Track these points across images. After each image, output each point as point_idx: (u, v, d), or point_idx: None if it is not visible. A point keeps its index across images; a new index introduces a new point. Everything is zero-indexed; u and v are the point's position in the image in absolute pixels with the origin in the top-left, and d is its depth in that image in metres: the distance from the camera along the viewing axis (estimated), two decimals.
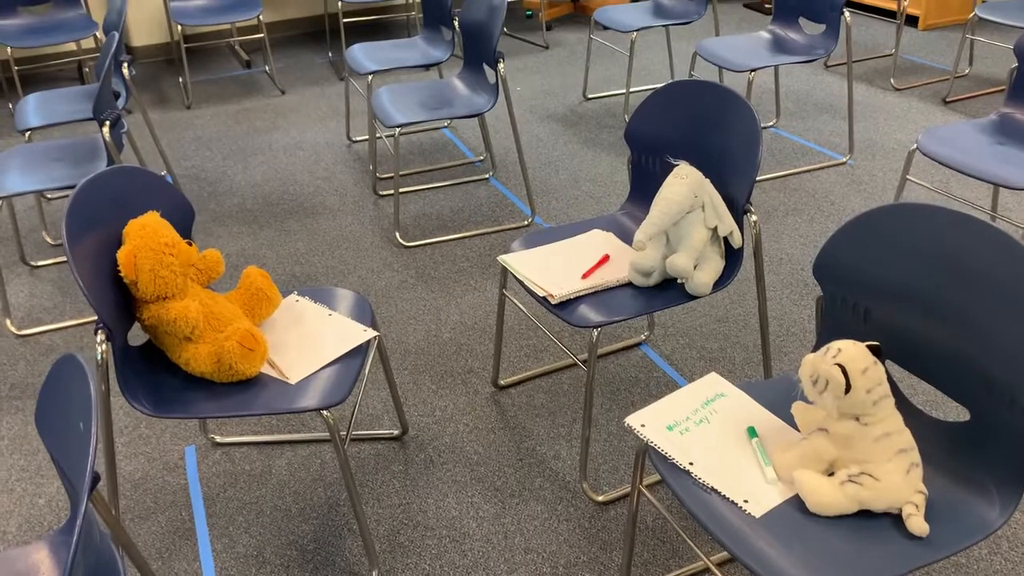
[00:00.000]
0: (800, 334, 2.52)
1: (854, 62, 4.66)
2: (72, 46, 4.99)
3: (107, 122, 2.55)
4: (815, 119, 3.99)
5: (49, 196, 3.51)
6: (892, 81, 4.36)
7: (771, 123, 3.97)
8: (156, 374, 1.70)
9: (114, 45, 2.57)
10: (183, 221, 1.84)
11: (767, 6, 5.69)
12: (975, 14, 3.84)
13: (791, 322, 2.57)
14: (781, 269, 2.83)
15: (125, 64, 3.04)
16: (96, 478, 1.13)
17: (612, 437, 2.16)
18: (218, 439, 2.21)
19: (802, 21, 3.52)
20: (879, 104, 4.11)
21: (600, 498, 1.98)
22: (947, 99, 4.10)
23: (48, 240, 3.21)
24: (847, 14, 3.27)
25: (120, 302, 1.66)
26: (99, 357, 1.57)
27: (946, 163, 2.40)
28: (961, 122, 2.62)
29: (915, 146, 2.52)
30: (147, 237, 1.64)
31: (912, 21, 5.21)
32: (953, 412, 2.18)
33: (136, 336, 1.73)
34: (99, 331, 1.57)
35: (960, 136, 2.53)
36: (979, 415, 1.36)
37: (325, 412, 1.60)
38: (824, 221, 3.11)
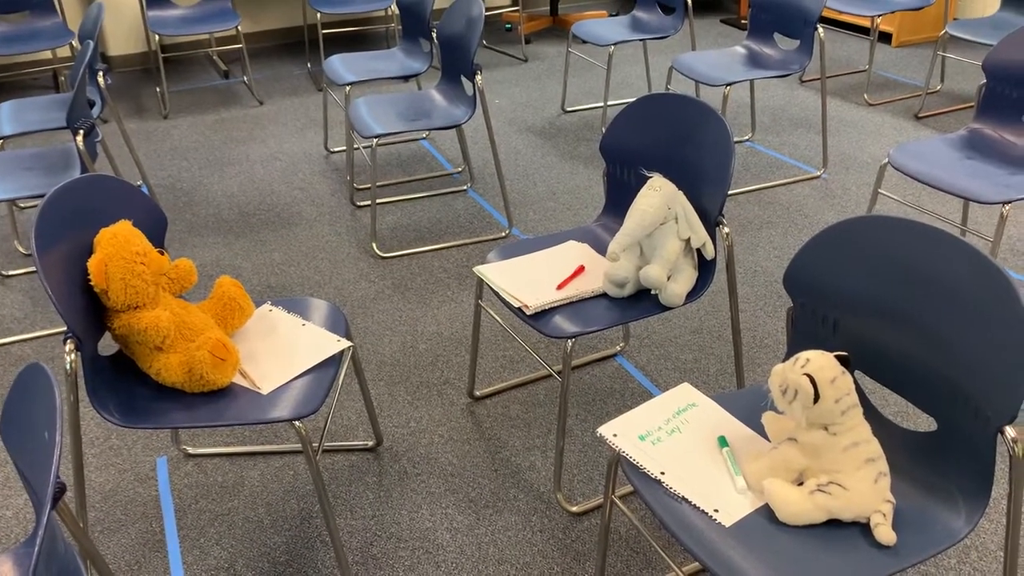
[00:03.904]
0: (773, 345, 2.54)
1: (828, 77, 4.72)
2: (48, 54, 4.96)
3: (81, 131, 2.53)
4: (790, 133, 4.03)
5: (22, 205, 3.48)
6: (865, 96, 4.41)
7: (746, 137, 4.01)
8: (126, 384, 1.68)
9: (88, 54, 2.56)
10: (156, 230, 1.83)
11: (743, 22, 5.75)
12: (946, 31, 3.91)
13: (764, 333, 2.59)
14: (755, 281, 2.86)
15: (100, 73, 3.02)
16: (61, 489, 1.12)
17: (587, 448, 2.16)
18: (190, 450, 2.19)
19: (777, 37, 3.56)
20: (853, 119, 4.16)
21: (574, 509, 1.98)
22: (919, 114, 4.16)
23: (20, 249, 3.18)
24: (821, 30, 3.31)
25: (90, 311, 1.64)
26: (68, 367, 1.55)
27: (917, 177, 2.44)
28: (932, 137, 2.66)
29: (887, 160, 2.55)
30: (118, 246, 1.62)
31: (885, 38, 5.29)
32: (920, 422, 2.20)
33: (107, 346, 1.71)
34: (68, 341, 1.55)
35: (931, 151, 2.57)
36: (945, 425, 1.38)
37: (297, 423, 1.59)
38: (798, 234, 3.14)
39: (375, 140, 2.96)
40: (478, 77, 2.95)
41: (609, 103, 4.42)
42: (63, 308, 1.54)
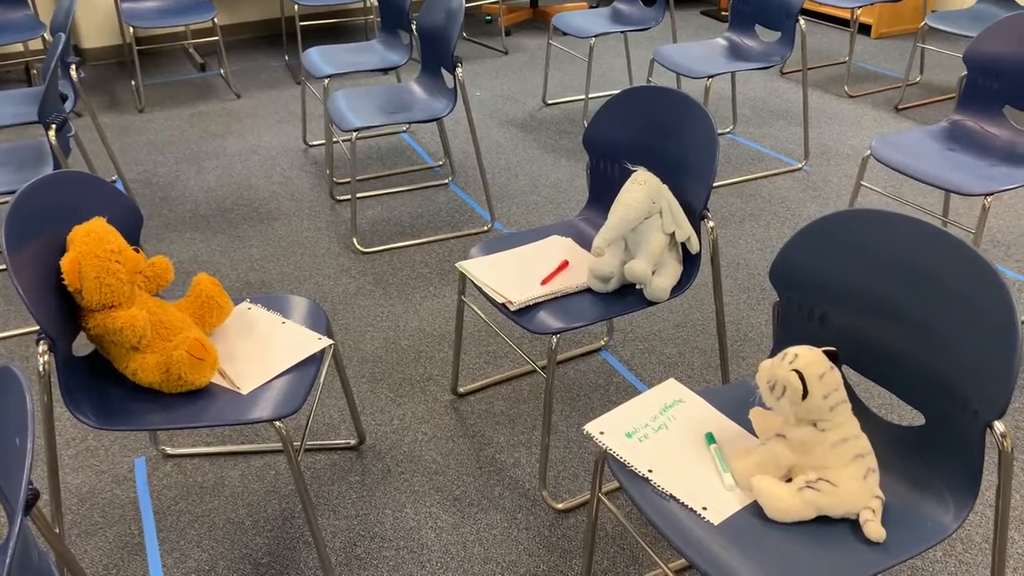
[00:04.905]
0: (758, 339, 2.53)
1: (809, 69, 4.72)
2: (19, 47, 4.86)
3: (53, 126, 2.48)
4: (771, 125, 4.03)
5: None
6: (846, 88, 4.42)
7: (728, 129, 4.00)
8: (102, 385, 1.64)
9: (60, 46, 2.51)
10: (131, 227, 1.79)
11: (724, 13, 5.75)
12: (925, 23, 3.92)
13: (748, 327, 2.58)
14: (738, 274, 2.85)
15: (73, 66, 2.96)
16: (34, 496, 1.09)
17: (572, 444, 2.15)
18: (169, 450, 2.15)
19: (758, 28, 3.55)
20: (833, 111, 4.17)
21: (560, 506, 1.96)
22: (899, 106, 4.17)
23: None
24: (802, 22, 3.30)
25: (64, 311, 1.60)
26: (41, 368, 1.51)
27: (899, 169, 2.44)
28: (913, 129, 2.66)
29: (869, 152, 2.55)
30: (92, 244, 1.58)
31: (865, 29, 5.30)
32: (905, 415, 2.20)
33: (82, 346, 1.67)
34: (41, 341, 1.51)
35: (912, 143, 2.57)
36: (934, 420, 1.37)
37: (278, 423, 1.56)
38: (780, 226, 3.14)
39: (354, 134, 2.92)
40: (458, 70, 2.92)
41: (591, 96, 4.40)
42: (35, 308, 1.50)
